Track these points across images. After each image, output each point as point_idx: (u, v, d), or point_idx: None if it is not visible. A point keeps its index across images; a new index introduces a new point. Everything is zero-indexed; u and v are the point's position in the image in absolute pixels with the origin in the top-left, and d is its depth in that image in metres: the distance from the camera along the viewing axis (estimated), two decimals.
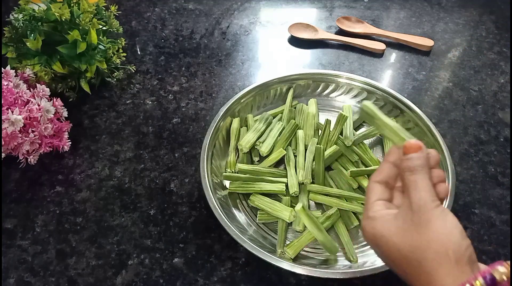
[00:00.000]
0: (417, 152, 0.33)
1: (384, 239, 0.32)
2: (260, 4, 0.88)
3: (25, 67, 0.58)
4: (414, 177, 0.32)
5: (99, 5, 0.64)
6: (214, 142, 0.55)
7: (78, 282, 0.46)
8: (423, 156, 0.33)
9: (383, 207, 0.34)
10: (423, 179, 0.32)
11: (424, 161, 0.33)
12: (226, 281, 0.46)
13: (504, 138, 0.62)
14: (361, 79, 0.62)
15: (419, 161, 0.33)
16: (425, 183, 0.32)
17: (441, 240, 0.29)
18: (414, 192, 0.31)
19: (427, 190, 0.31)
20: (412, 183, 0.32)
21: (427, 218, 0.30)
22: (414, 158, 0.33)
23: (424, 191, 0.31)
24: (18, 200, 0.53)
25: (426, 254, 0.29)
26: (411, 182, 0.32)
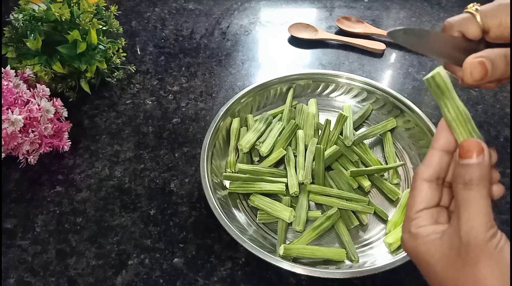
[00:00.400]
0: (477, 156, 0.26)
1: (426, 265, 0.27)
2: (260, 4, 0.88)
3: (25, 67, 0.58)
4: (468, 195, 0.25)
5: (99, 5, 0.64)
6: (214, 142, 0.55)
7: (78, 282, 0.46)
8: (485, 164, 0.26)
9: (429, 221, 0.28)
10: (479, 199, 0.25)
11: (485, 172, 0.25)
12: (226, 281, 0.46)
13: (504, 138, 0.62)
14: (361, 79, 0.62)
15: (478, 172, 0.25)
16: (480, 205, 0.25)
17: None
18: (466, 216, 0.25)
19: (482, 215, 0.25)
20: (464, 203, 0.25)
21: (476, 256, 0.24)
22: (472, 167, 0.25)
23: (477, 218, 0.25)
24: (18, 200, 0.53)
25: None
26: (464, 201, 0.25)
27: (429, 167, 0.29)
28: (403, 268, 0.42)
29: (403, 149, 0.59)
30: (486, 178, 0.25)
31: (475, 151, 0.26)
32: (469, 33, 0.31)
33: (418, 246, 0.27)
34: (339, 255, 0.46)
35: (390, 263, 0.43)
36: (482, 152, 0.26)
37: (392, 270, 0.42)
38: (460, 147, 0.26)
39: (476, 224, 0.25)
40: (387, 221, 0.51)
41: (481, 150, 0.26)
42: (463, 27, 0.31)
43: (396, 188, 0.53)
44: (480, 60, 0.28)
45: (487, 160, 0.26)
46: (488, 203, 0.25)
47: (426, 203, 0.28)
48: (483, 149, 0.26)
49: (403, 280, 0.46)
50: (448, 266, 0.26)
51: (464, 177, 0.26)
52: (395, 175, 0.54)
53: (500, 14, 0.29)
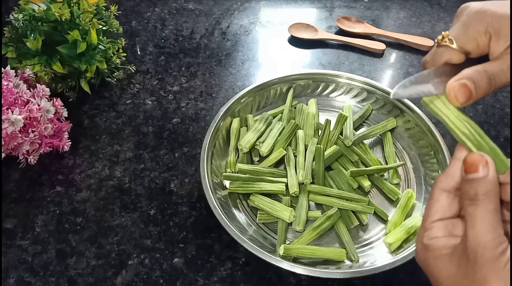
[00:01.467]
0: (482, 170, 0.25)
1: (434, 280, 0.27)
2: (260, 4, 0.88)
3: (25, 67, 0.58)
4: (474, 211, 0.24)
5: (99, 5, 0.64)
6: (214, 142, 0.55)
7: (78, 282, 0.46)
8: (490, 178, 0.24)
9: (442, 232, 0.27)
10: (485, 215, 0.24)
11: (491, 186, 0.24)
12: (226, 281, 0.46)
13: (504, 138, 0.62)
14: (361, 79, 0.62)
15: (483, 186, 0.24)
16: (487, 220, 0.24)
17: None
18: (472, 232, 0.24)
19: (489, 231, 0.24)
20: (471, 219, 0.24)
21: (483, 275, 0.23)
22: (477, 181, 0.25)
23: (484, 234, 0.24)
24: (18, 200, 0.53)
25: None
26: (470, 217, 0.24)
27: (448, 177, 0.28)
28: (403, 268, 0.42)
29: (403, 149, 0.59)
30: (493, 193, 0.24)
31: (480, 165, 0.25)
32: (454, 61, 0.31)
33: (429, 259, 0.27)
34: (339, 255, 0.46)
35: (390, 263, 0.43)
36: (487, 165, 0.25)
37: (392, 270, 0.42)
38: (464, 162, 0.26)
39: (482, 241, 0.24)
40: (387, 221, 0.51)
41: (485, 163, 0.25)
42: (445, 58, 0.31)
43: (396, 188, 0.53)
44: (461, 83, 0.28)
45: (492, 174, 0.25)
46: (495, 218, 0.24)
47: (441, 213, 0.27)
48: (487, 162, 0.25)
49: (403, 280, 0.46)
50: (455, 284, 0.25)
51: (470, 192, 0.25)
52: (395, 175, 0.54)
53: (475, 37, 0.30)
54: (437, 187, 0.28)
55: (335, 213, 0.50)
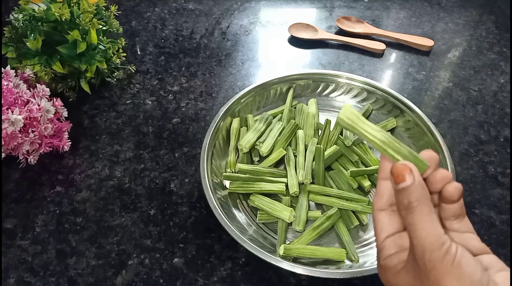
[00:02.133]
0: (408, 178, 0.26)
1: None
2: (260, 4, 0.88)
3: (25, 67, 0.58)
4: (412, 218, 0.25)
5: (99, 5, 0.64)
6: (214, 142, 0.55)
7: (78, 282, 0.46)
8: (417, 184, 0.26)
9: (394, 249, 0.28)
10: (422, 219, 0.25)
11: (420, 190, 0.26)
12: (226, 281, 0.46)
13: (504, 138, 0.62)
14: (361, 79, 0.62)
15: (413, 194, 0.26)
16: (426, 224, 0.25)
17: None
18: (415, 240, 0.25)
19: (430, 234, 0.24)
20: (411, 227, 0.25)
21: (435, 278, 0.24)
22: (407, 190, 0.26)
23: (426, 239, 0.24)
24: (18, 200, 0.53)
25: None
26: (410, 226, 0.26)
27: (380, 197, 0.29)
28: None
29: None
30: (424, 196, 0.26)
31: (405, 174, 0.26)
32: None
33: (389, 279, 0.27)
34: (339, 255, 0.46)
35: None
36: (412, 172, 0.26)
37: None
38: (391, 174, 0.27)
39: (426, 245, 0.24)
40: None
41: (410, 171, 0.26)
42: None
43: None
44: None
45: (418, 179, 0.26)
46: (433, 220, 0.25)
47: (386, 231, 0.29)
48: (411, 169, 0.26)
49: None
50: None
51: (403, 201, 0.26)
52: None
53: None
54: (375, 209, 0.30)
55: (335, 213, 0.50)
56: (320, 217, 0.50)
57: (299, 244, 0.47)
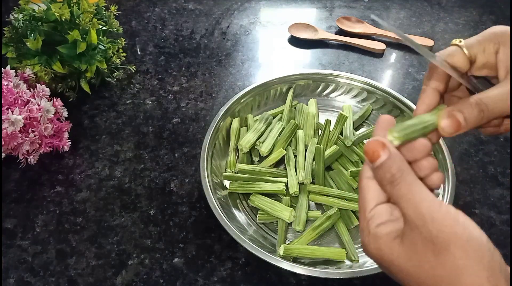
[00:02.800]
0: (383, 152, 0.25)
1: (396, 267, 0.26)
2: (260, 4, 0.88)
3: (25, 67, 0.58)
4: (399, 190, 0.25)
5: (99, 5, 0.64)
6: (214, 142, 0.55)
7: (78, 282, 0.46)
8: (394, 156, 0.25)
9: (385, 216, 0.27)
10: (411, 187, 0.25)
11: (399, 161, 0.26)
12: (226, 281, 0.46)
13: (504, 138, 0.62)
14: (361, 79, 0.62)
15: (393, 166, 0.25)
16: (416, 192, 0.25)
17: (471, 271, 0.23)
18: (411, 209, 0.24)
19: (424, 199, 0.24)
20: (402, 198, 0.25)
21: (444, 241, 0.23)
22: (386, 165, 0.25)
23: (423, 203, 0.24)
24: (18, 200, 0.53)
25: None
26: (400, 198, 0.25)
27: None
28: None
29: None
30: (404, 165, 0.25)
31: (379, 149, 0.25)
32: (456, 63, 0.31)
33: (381, 248, 0.26)
34: (339, 255, 0.46)
35: None
36: (385, 146, 0.26)
37: None
38: (365, 154, 0.26)
39: (424, 212, 0.24)
40: None
41: (383, 145, 0.26)
42: (451, 59, 0.31)
43: None
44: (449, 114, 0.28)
45: (393, 151, 0.26)
46: (420, 185, 0.25)
47: (376, 199, 0.28)
48: (384, 143, 0.26)
49: None
50: (420, 263, 0.24)
51: (386, 176, 0.25)
52: None
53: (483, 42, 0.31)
54: (364, 177, 0.28)
55: (335, 213, 0.50)
56: (320, 217, 0.50)
57: (299, 244, 0.47)
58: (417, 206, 0.24)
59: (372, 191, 0.28)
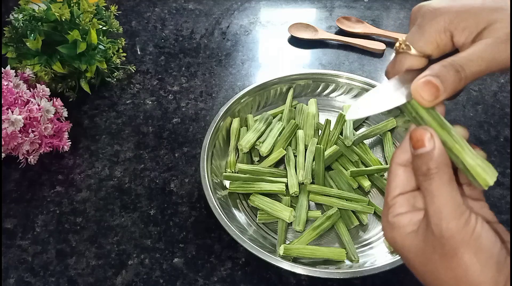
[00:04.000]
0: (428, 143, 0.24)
1: (405, 258, 0.27)
2: (260, 4, 0.88)
3: (25, 67, 0.58)
4: (430, 185, 0.24)
5: (99, 5, 0.64)
6: (214, 142, 0.55)
7: (78, 282, 0.46)
8: (438, 150, 0.24)
9: (405, 207, 0.27)
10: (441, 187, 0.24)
11: (441, 157, 0.24)
12: (226, 281, 0.46)
13: (504, 138, 0.62)
14: (361, 79, 0.62)
15: (433, 160, 0.24)
16: (445, 192, 0.24)
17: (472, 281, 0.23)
18: (433, 207, 0.24)
19: (449, 203, 0.23)
20: (429, 194, 0.24)
21: (452, 248, 0.23)
22: (427, 156, 0.24)
23: (445, 207, 0.23)
24: (18, 200, 0.53)
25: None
26: (428, 192, 0.24)
27: (404, 151, 0.27)
28: (403, 268, 0.42)
29: None
30: (444, 163, 0.24)
31: (425, 139, 0.25)
32: (416, 67, 0.29)
33: (396, 238, 0.26)
34: (339, 255, 0.46)
35: (390, 263, 0.43)
36: (432, 138, 0.25)
37: (392, 270, 0.42)
38: (410, 139, 0.25)
39: (444, 214, 0.23)
40: None
41: (430, 136, 0.25)
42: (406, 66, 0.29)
43: None
44: (424, 80, 0.25)
45: (439, 145, 0.24)
46: (452, 188, 0.24)
47: (401, 188, 0.27)
48: (432, 135, 0.25)
49: (403, 280, 0.46)
50: (425, 261, 0.24)
51: (422, 167, 0.25)
52: None
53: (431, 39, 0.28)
54: (394, 163, 0.28)
55: (335, 213, 0.50)
56: (320, 217, 0.50)
57: (299, 244, 0.47)
58: (441, 206, 0.24)
59: (399, 179, 0.27)
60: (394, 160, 0.28)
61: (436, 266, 0.24)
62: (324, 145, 0.56)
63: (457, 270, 0.23)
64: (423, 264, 0.25)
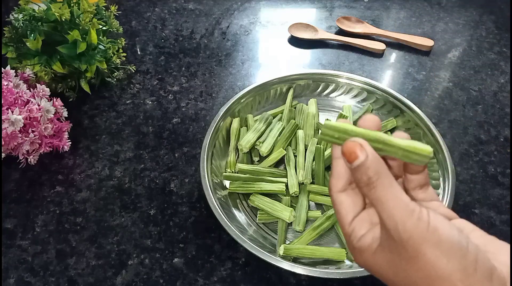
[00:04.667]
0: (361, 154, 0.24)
1: (381, 277, 0.26)
2: (260, 4, 0.88)
3: (25, 67, 0.58)
4: (375, 193, 0.24)
5: (99, 5, 0.64)
6: (214, 142, 0.55)
7: (78, 282, 0.46)
8: (371, 157, 0.24)
9: (365, 226, 0.27)
10: (386, 192, 0.24)
11: (376, 163, 0.24)
12: (226, 281, 0.46)
13: (504, 138, 0.62)
14: (361, 79, 0.62)
15: (370, 168, 0.24)
16: (392, 196, 0.24)
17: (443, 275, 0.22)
18: (385, 214, 0.24)
19: (398, 205, 0.24)
20: (377, 202, 0.24)
21: (413, 247, 0.23)
22: (364, 167, 0.24)
23: (395, 210, 0.23)
24: (18, 200, 0.53)
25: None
26: (376, 201, 0.24)
27: (337, 178, 0.28)
28: None
29: None
30: (382, 168, 0.24)
31: (357, 150, 0.25)
32: None
33: (367, 260, 0.26)
34: (339, 255, 0.46)
35: None
36: (363, 148, 0.25)
37: None
38: (343, 154, 0.25)
39: (397, 216, 0.23)
40: None
41: (361, 147, 0.25)
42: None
43: None
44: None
45: (371, 152, 0.25)
46: (396, 189, 0.24)
47: (352, 212, 0.27)
48: (361, 145, 0.25)
49: None
50: (396, 270, 0.24)
51: (363, 179, 0.25)
52: None
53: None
54: (334, 192, 0.28)
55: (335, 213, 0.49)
56: (320, 217, 0.50)
57: (299, 244, 0.47)
58: (391, 211, 0.24)
59: (346, 206, 0.27)
60: (332, 190, 0.28)
61: (406, 272, 0.24)
62: (324, 145, 0.56)
63: (425, 268, 0.23)
64: (396, 274, 0.24)
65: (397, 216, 0.23)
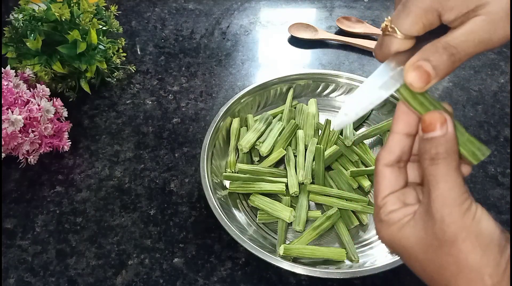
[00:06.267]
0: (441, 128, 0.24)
1: (405, 251, 0.26)
2: (260, 4, 0.88)
3: (25, 67, 0.58)
4: (436, 170, 0.24)
5: (99, 5, 0.64)
6: (214, 142, 0.55)
7: (78, 282, 0.46)
8: (450, 136, 0.24)
9: (397, 204, 0.27)
10: (448, 173, 0.24)
11: (451, 143, 0.24)
12: (226, 281, 0.46)
13: (504, 138, 0.62)
14: (361, 79, 0.62)
15: (443, 145, 0.24)
16: (451, 178, 0.24)
17: (473, 265, 0.23)
18: (436, 192, 0.24)
19: (454, 189, 0.23)
20: (433, 179, 0.24)
21: (453, 233, 0.23)
22: (437, 140, 0.24)
23: (449, 193, 0.23)
24: (18, 200, 0.53)
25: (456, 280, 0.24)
26: (432, 177, 0.24)
27: (390, 152, 0.27)
28: (403, 268, 0.42)
29: None
30: (453, 150, 0.24)
31: (438, 123, 0.24)
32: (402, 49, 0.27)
33: (393, 233, 0.26)
34: (339, 255, 0.46)
35: (390, 263, 0.43)
36: (446, 123, 0.24)
37: (392, 270, 0.42)
38: (422, 121, 0.25)
39: (448, 199, 0.23)
40: None
41: (444, 121, 0.24)
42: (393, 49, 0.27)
43: None
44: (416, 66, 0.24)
45: (451, 131, 0.24)
46: (458, 175, 0.24)
47: (390, 188, 0.27)
48: (446, 120, 0.24)
49: (403, 280, 0.46)
50: (427, 249, 0.24)
51: (430, 151, 0.24)
52: None
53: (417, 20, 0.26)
54: (380, 164, 0.27)
55: (335, 213, 0.50)
56: (320, 217, 0.50)
57: (299, 244, 0.47)
58: (445, 192, 0.23)
59: (387, 180, 0.27)
60: (380, 161, 0.27)
61: (437, 253, 0.24)
62: (324, 145, 0.56)
63: (458, 255, 0.23)
64: (424, 252, 0.24)
65: (449, 199, 0.23)
